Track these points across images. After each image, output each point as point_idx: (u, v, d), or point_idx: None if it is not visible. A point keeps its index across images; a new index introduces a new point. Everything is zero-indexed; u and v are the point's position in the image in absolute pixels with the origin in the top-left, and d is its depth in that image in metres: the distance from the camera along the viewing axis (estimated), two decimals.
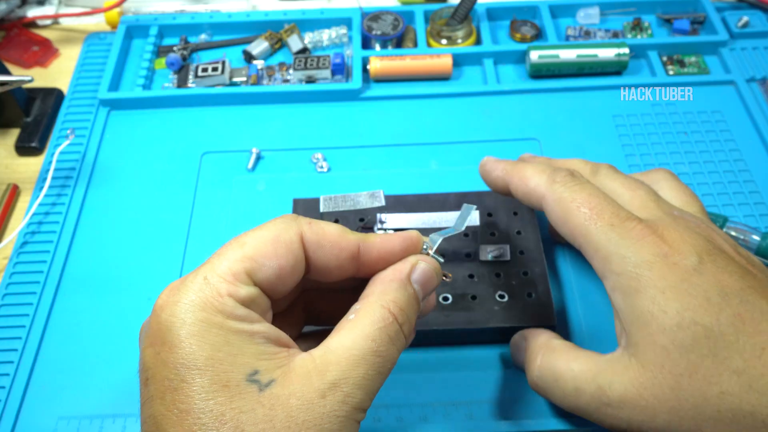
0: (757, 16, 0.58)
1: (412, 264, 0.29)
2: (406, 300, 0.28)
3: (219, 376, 0.24)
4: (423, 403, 0.37)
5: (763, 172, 0.48)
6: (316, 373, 0.25)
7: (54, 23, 0.62)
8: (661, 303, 0.28)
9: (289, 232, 0.27)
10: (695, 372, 0.27)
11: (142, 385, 0.25)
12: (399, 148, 0.50)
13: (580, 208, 0.31)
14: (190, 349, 0.24)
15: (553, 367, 0.31)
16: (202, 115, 0.53)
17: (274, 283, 0.27)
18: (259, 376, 0.24)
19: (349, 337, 0.26)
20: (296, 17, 0.58)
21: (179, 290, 0.25)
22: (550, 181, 0.33)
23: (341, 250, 0.28)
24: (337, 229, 0.28)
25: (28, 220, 0.46)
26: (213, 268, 0.26)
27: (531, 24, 0.58)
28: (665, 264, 0.28)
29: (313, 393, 0.24)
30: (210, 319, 0.25)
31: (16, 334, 0.41)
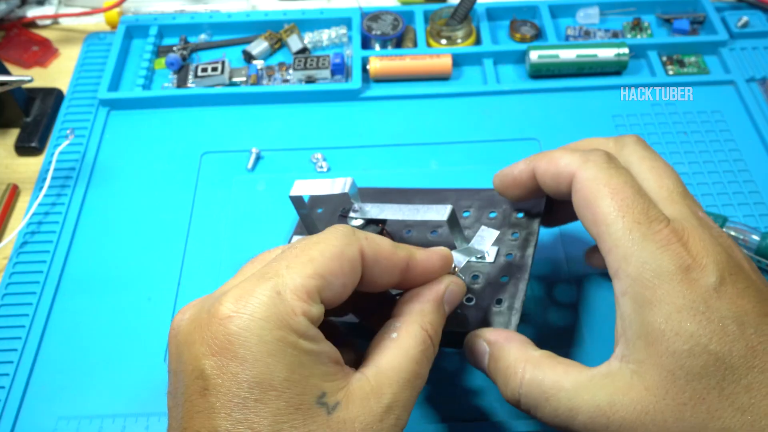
0: (756, 16, 0.58)
1: (446, 285, 0.30)
2: (440, 321, 0.29)
3: (293, 399, 0.24)
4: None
5: (762, 172, 0.48)
6: (373, 395, 0.25)
7: (54, 23, 0.62)
8: (675, 323, 0.26)
9: (352, 247, 0.27)
10: (700, 403, 0.25)
11: (195, 393, 0.24)
12: (399, 148, 0.50)
13: (610, 196, 0.29)
14: (267, 369, 0.23)
15: (542, 384, 0.28)
16: (202, 115, 0.53)
17: (335, 300, 0.27)
18: (327, 399, 0.24)
19: (397, 360, 0.27)
20: (296, 17, 0.58)
21: (249, 302, 0.24)
22: (584, 159, 0.30)
23: (394, 266, 0.28)
24: (389, 244, 0.28)
25: (27, 220, 0.46)
26: (285, 283, 0.25)
27: (531, 24, 0.58)
28: (686, 279, 0.26)
29: (372, 417, 0.25)
30: (286, 338, 0.24)
31: (16, 334, 0.41)
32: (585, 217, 0.30)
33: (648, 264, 0.27)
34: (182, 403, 0.24)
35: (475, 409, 0.37)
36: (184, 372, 0.25)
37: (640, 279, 0.27)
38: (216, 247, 0.45)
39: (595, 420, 0.27)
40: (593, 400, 0.27)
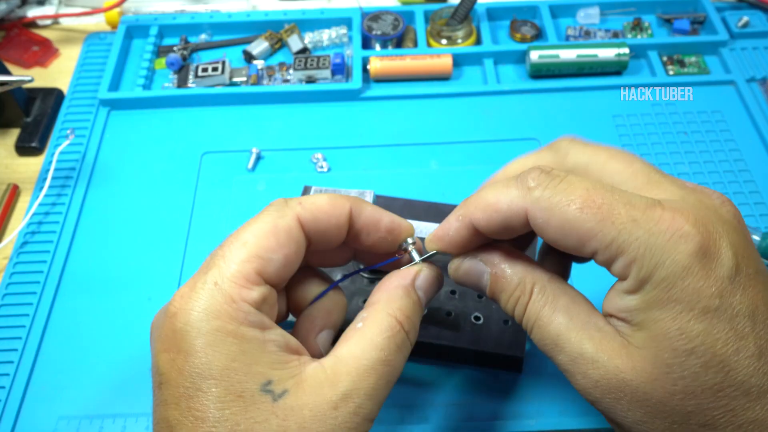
0: (757, 16, 0.58)
1: (416, 270, 0.29)
2: (411, 307, 0.28)
3: (234, 387, 0.24)
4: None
5: (763, 172, 0.48)
6: (328, 383, 0.25)
7: (54, 23, 0.62)
8: (683, 322, 0.24)
9: (286, 218, 0.27)
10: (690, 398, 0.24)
11: (156, 387, 0.25)
12: (399, 148, 0.50)
13: (582, 210, 0.25)
14: (206, 359, 0.24)
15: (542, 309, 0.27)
16: (202, 115, 0.53)
17: (282, 274, 0.27)
18: (273, 386, 0.24)
19: (358, 347, 0.26)
20: (296, 17, 0.58)
21: (191, 297, 0.25)
22: (524, 189, 0.26)
23: (338, 218, 0.28)
24: (329, 199, 0.28)
25: (28, 220, 0.46)
26: (221, 272, 0.25)
27: (531, 24, 0.58)
28: (702, 270, 0.24)
29: (325, 404, 0.24)
30: (225, 327, 0.25)
31: (16, 334, 0.41)
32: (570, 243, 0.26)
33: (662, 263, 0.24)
34: (153, 397, 0.26)
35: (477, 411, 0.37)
36: (152, 369, 0.26)
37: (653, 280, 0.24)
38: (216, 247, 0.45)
39: (575, 365, 0.26)
40: (579, 346, 0.26)
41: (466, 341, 0.37)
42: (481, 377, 0.38)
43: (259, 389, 0.24)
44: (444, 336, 0.37)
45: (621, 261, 0.25)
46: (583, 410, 0.37)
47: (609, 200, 0.25)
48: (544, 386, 0.38)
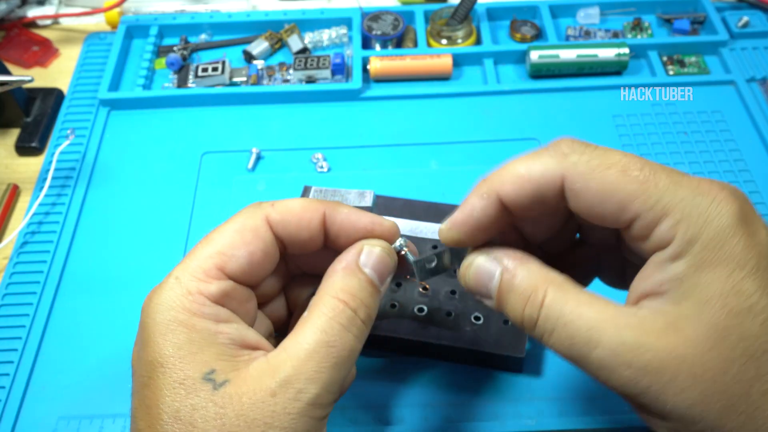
0: (757, 16, 0.58)
1: (358, 250, 0.29)
2: (358, 285, 0.27)
3: (177, 374, 0.25)
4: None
5: (763, 172, 0.48)
6: (269, 373, 0.25)
7: (54, 23, 0.62)
8: (737, 281, 0.23)
9: (254, 218, 0.28)
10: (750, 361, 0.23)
11: (132, 377, 0.27)
12: (399, 148, 0.50)
13: (624, 172, 0.24)
14: (157, 348, 0.25)
15: (563, 308, 0.25)
16: (202, 115, 0.53)
17: (248, 271, 0.28)
18: (215, 376, 0.25)
19: (301, 333, 0.26)
20: (296, 17, 0.58)
21: (155, 291, 0.27)
22: (559, 155, 0.26)
23: (309, 221, 0.29)
24: (301, 202, 0.29)
25: (28, 220, 0.46)
26: (184, 268, 0.27)
27: (531, 24, 0.58)
28: (746, 232, 0.24)
29: (263, 392, 0.25)
30: (176, 317, 0.26)
31: (16, 334, 0.41)
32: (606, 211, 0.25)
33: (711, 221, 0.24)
34: None
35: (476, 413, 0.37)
36: None
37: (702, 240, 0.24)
38: None
39: (617, 356, 0.24)
40: (618, 336, 0.24)
41: (466, 341, 0.36)
42: (481, 377, 0.38)
43: (201, 377, 0.25)
44: (444, 336, 0.37)
45: (665, 223, 0.24)
46: (583, 410, 0.37)
47: (648, 166, 0.25)
48: (544, 386, 0.38)
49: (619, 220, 0.25)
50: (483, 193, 0.27)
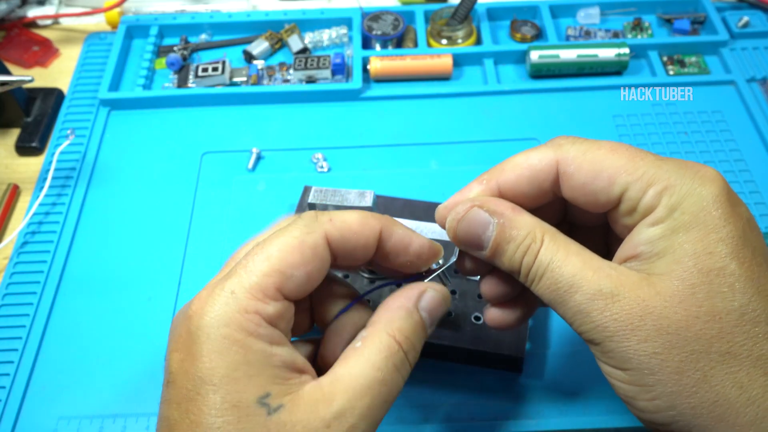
0: (757, 16, 0.58)
1: (420, 291, 0.29)
2: (412, 328, 0.28)
3: (231, 395, 0.24)
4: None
5: (763, 172, 0.48)
6: (323, 401, 0.25)
7: (54, 23, 0.62)
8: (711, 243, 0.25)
9: (314, 235, 0.27)
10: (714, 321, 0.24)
11: (164, 385, 0.26)
12: (399, 148, 0.50)
13: (613, 151, 0.27)
14: (210, 365, 0.24)
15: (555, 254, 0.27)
16: (202, 115, 0.53)
17: (302, 291, 0.27)
18: (270, 400, 0.24)
19: (356, 366, 0.26)
20: (296, 17, 0.58)
21: (207, 302, 0.25)
22: (554, 145, 0.28)
23: (367, 239, 0.28)
24: (359, 218, 0.28)
25: (28, 220, 0.46)
26: (241, 282, 0.25)
27: (531, 24, 0.58)
28: (729, 206, 0.25)
29: (318, 422, 0.24)
30: (232, 335, 0.25)
31: (16, 334, 0.41)
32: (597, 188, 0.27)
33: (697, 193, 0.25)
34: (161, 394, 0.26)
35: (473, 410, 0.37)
36: (164, 366, 0.26)
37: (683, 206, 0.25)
38: (216, 247, 0.45)
39: (593, 302, 0.25)
40: (596, 283, 0.26)
41: (466, 341, 0.36)
42: (481, 377, 0.38)
43: (256, 401, 0.24)
44: (444, 336, 0.37)
45: (652, 191, 0.26)
46: (583, 410, 0.37)
47: (635, 149, 0.27)
48: (544, 386, 0.38)
49: (609, 196, 0.27)
50: (483, 180, 0.30)
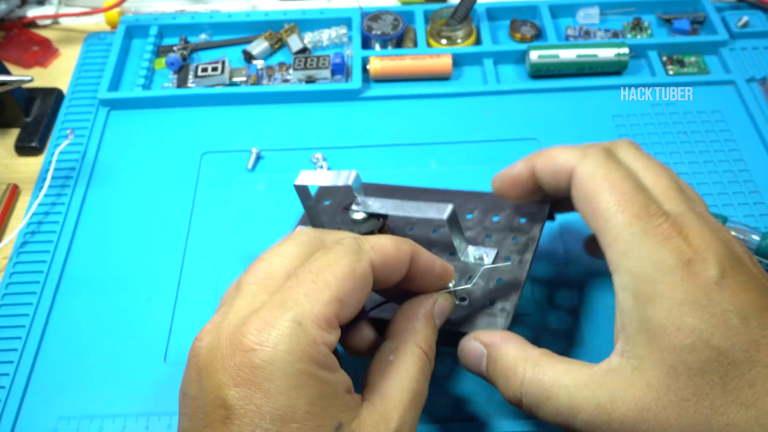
0: (757, 16, 0.58)
1: (434, 300, 0.31)
2: (432, 335, 0.30)
3: (314, 431, 0.24)
4: None
5: (762, 172, 0.48)
6: (382, 422, 0.26)
7: (54, 23, 0.62)
8: (677, 318, 0.26)
9: (363, 263, 0.27)
10: (703, 399, 0.25)
11: (217, 421, 0.24)
12: (399, 148, 0.50)
13: (610, 190, 0.29)
14: (289, 402, 0.24)
15: (542, 383, 0.28)
16: (202, 115, 0.53)
17: (351, 316, 0.27)
18: (343, 429, 0.25)
19: (398, 382, 0.28)
20: (296, 17, 0.58)
21: (271, 333, 0.24)
22: (582, 154, 0.31)
23: (402, 263, 0.29)
24: (392, 244, 0.29)
25: (28, 220, 0.46)
26: (305, 313, 0.25)
27: (531, 24, 0.58)
28: (687, 272, 0.26)
29: None
30: (308, 370, 0.24)
31: (16, 334, 0.41)
32: (584, 212, 0.30)
33: (648, 258, 0.27)
34: (202, 428, 0.25)
35: (467, 410, 0.37)
36: (205, 399, 0.25)
37: (640, 274, 0.27)
38: (216, 247, 0.45)
39: (597, 417, 0.26)
40: (594, 397, 0.27)
41: (451, 323, 0.35)
42: (471, 379, 0.38)
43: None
44: None
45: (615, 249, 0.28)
46: None
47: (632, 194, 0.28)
48: None
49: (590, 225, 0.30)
50: (526, 159, 0.33)
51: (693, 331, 0.25)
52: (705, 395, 0.25)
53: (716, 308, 0.25)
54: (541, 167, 0.32)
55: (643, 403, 0.26)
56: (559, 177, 0.31)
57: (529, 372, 0.29)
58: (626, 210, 0.28)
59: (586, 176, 0.30)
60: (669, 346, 0.25)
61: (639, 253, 0.27)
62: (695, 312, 0.25)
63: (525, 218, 0.36)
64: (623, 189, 0.28)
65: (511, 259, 0.35)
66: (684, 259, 0.26)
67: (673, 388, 0.25)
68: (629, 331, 0.27)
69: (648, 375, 0.26)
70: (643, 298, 0.27)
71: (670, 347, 0.25)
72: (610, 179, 0.29)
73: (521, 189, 0.34)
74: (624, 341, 0.27)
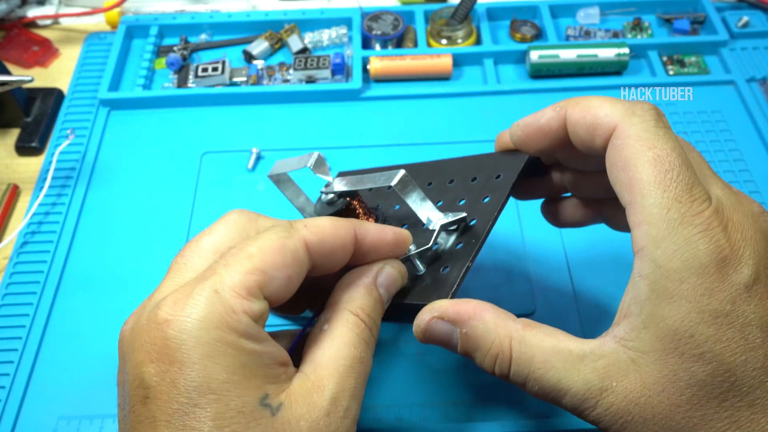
0: (757, 16, 0.58)
1: (378, 268, 0.29)
2: (372, 304, 0.28)
3: (234, 401, 0.23)
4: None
5: (763, 171, 0.48)
6: (315, 390, 0.25)
7: (54, 23, 0.62)
8: (693, 324, 0.24)
9: (293, 239, 0.26)
10: (695, 409, 0.24)
11: (138, 402, 0.23)
12: (399, 148, 0.50)
13: (654, 162, 0.25)
14: (205, 372, 0.23)
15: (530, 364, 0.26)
16: (202, 115, 0.53)
17: (281, 295, 0.26)
18: (270, 400, 0.24)
19: (332, 348, 0.26)
20: (296, 17, 0.58)
21: (186, 303, 0.23)
22: (629, 111, 0.26)
23: (342, 242, 0.28)
24: (331, 221, 0.28)
25: (28, 220, 0.46)
26: (222, 281, 0.24)
27: (531, 24, 0.58)
28: (718, 274, 0.24)
29: (317, 412, 0.24)
30: (225, 338, 0.23)
31: (16, 334, 0.41)
32: (618, 180, 0.26)
33: (680, 252, 0.24)
34: (128, 414, 0.24)
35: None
36: (129, 382, 0.24)
37: (668, 268, 0.24)
38: None
39: (584, 401, 0.25)
40: (584, 381, 0.25)
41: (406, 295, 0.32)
42: (481, 377, 0.38)
43: (259, 404, 0.23)
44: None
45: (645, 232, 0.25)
46: None
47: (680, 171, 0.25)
48: None
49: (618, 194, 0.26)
50: (557, 107, 0.29)
51: (706, 342, 0.24)
52: (699, 406, 0.24)
53: (738, 320, 0.24)
54: (577, 119, 0.28)
55: (634, 396, 0.25)
56: (596, 133, 0.27)
57: (516, 351, 0.27)
58: (668, 189, 0.24)
59: (630, 139, 0.26)
60: (676, 352, 0.24)
61: (672, 244, 0.24)
62: (715, 322, 0.24)
63: (501, 174, 0.33)
64: (670, 163, 0.25)
65: (476, 221, 0.32)
66: (720, 257, 0.24)
67: (668, 391, 0.24)
68: (636, 321, 0.25)
69: (645, 372, 0.24)
70: (662, 294, 0.24)
71: (677, 353, 0.24)
72: (657, 148, 0.25)
73: (548, 141, 0.30)
74: (627, 329, 0.25)
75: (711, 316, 0.24)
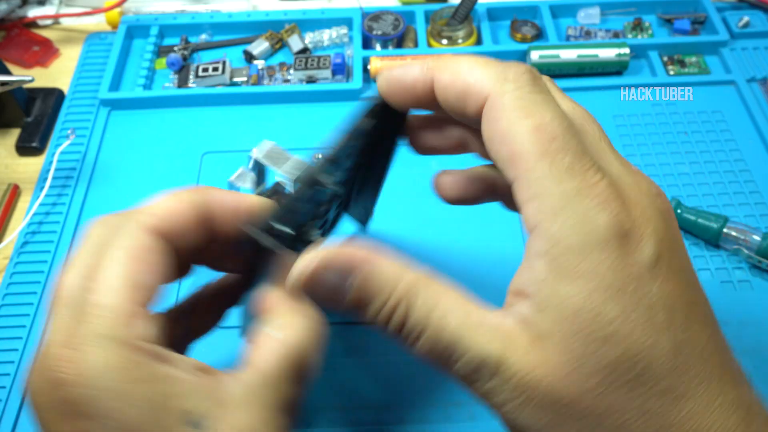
0: (757, 16, 0.58)
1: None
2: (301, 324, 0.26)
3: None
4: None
5: (763, 172, 0.48)
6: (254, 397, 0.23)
7: (54, 23, 0.62)
8: (598, 302, 0.21)
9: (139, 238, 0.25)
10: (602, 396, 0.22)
11: None
12: (399, 148, 0.50)
13: (535, 130, 0.22)
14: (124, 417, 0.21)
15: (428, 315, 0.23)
16: (202, 115, 0.53)
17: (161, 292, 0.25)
18: (193, 417, 0.22)
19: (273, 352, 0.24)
20: (297, 17, 0.58)
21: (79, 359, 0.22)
22: (501, 76, 0.24)
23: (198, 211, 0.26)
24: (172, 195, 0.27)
25: (28, 220, 0.46)
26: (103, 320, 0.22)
27: (531, 24, 0.58)
28: (621, 249, 0.22)
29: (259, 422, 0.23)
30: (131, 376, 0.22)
31: (16, 334, 0.41)
32: (499, 155, 0.24)
33: (579, 226, 0.22)
34: None
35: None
36: None
37: (566, 244, 0.22)
38: None
39: (478, 372, 0.22)
40: (482, 348, 0.22)
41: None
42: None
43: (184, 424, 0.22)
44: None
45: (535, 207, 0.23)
46: None
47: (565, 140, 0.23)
48: None
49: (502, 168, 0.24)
50: (426, 67, 0.27)
51: (613, 322, 0.21)
52: (606, 394, 0.21)
53: (644, 300, 0.22)
54: (446, 85, 0.26)
55: (534, 376, 0.22)
56: (467, 101, 0.25)
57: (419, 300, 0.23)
58: (555, 159, 0.22)
59: (505, 111, 0.23)
60: (581, 332, 0.21)
61: (569, 219, 0.22)
62: (620, 299, 0.21)
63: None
64: (552, 131, 0.23)
65: None
66: (621, 232, 0.22)
67: (572, 376, 0.22)
68: (536, 300, 0.22)
69: (548, 354, 0.22)
70: (561, 273, 0.22)
71: (582, 334, 0.21)
72: (535, 116, 0.23)
73: (414, 101, 0.27)
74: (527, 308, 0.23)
75: (617, 294, 0.21)
